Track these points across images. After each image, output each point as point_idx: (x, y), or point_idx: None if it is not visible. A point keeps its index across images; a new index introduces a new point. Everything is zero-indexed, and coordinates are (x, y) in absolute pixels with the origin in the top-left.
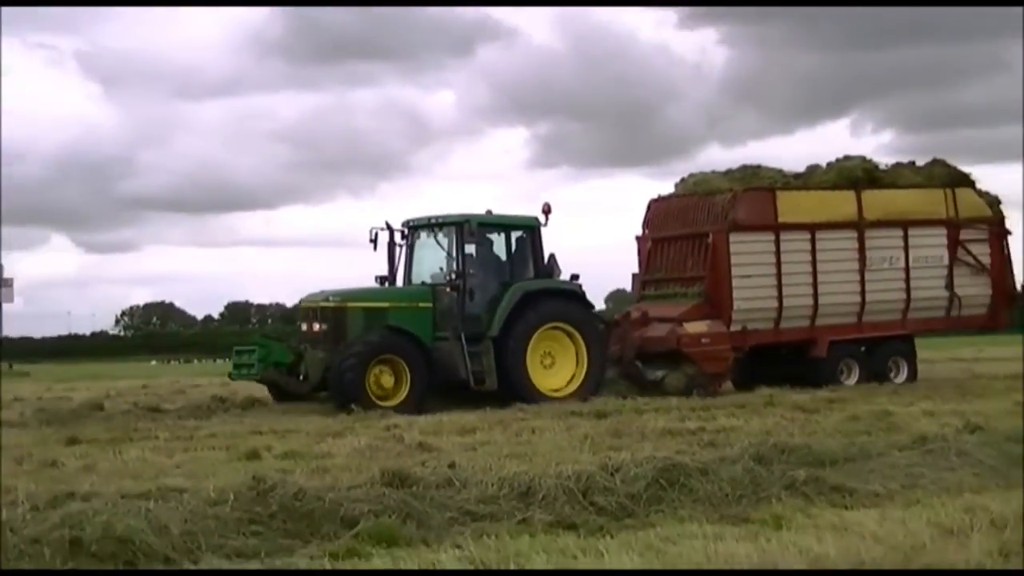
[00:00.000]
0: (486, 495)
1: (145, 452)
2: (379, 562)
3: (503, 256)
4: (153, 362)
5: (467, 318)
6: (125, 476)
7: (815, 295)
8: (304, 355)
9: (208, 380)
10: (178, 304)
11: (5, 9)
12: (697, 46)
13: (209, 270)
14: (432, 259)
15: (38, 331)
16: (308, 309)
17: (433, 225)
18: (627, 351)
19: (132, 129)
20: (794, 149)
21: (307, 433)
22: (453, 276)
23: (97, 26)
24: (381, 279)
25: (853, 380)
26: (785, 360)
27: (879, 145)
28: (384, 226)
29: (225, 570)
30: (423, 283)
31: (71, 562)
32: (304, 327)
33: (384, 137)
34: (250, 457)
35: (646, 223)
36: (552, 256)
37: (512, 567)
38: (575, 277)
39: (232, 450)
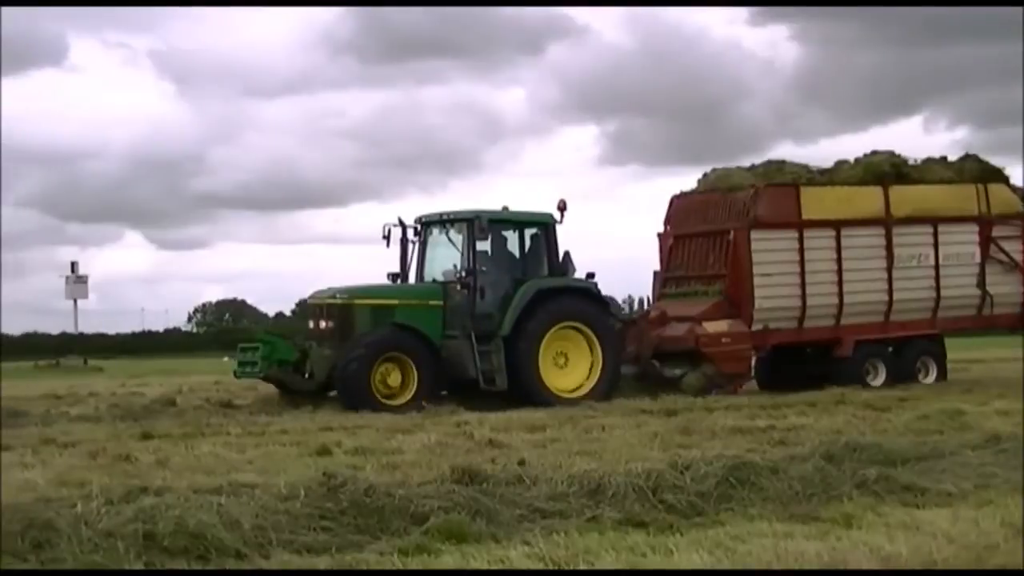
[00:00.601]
0: (555, 492)
1: (217, 447)
2: (449, 558)
3: (517, 253)
4: (225, 358)
5: (478, 316)
6: (197, 471)
7: (840, 294)
8: (310, 353)
9: None
10: (250, 301)
11: (80, 9)
12: (768, 42)
13: (280, 267)
14: (444, 256)
15: (112, 327)
16: (315, 306)
17: (445, 221)
18: (644, 350)
19: (204, 127)
20: (867, 147)
21: (377, 429)
22: (463, 273)
23: (170, 26)
24: (393, 276)
25: (879, 381)
26: (811, 360)
27: (953, 141)
28: (397, 222)
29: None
30: (434, 280)
31: (144, 556)
32: (311, 324)
33: (455, 134)
34: (321, 453)
35: (667, 220)
36: (567, 253)
37: (581, 565)
38: (591, 275)
39: (303, 446)
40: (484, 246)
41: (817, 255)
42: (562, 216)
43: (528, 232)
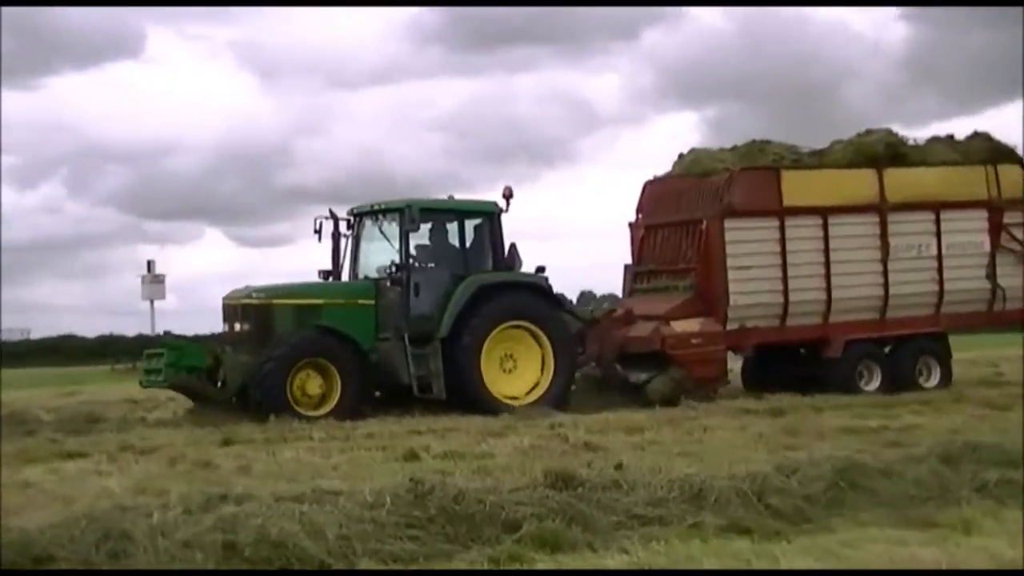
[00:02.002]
0: (655, 497)
1: (300, 453)
2: (543, 568)
3: (457, 246)
4: None
5: (414, 316)
6: (280, 478)
7: (827, 288)
8: (223, 358)
9: None
10: None
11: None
12: (875, 23)
13: None
14: (379, 251)
15: (191, 328)
16: (230, 306)
17: (377, 212)
18: (607, 352)
19: (289, 120)
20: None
21: (467, 432)
22: (394, 268)
23: (249, 17)
24: (325, 273)
25: (874, 385)
26: (804, 360)
27: None
28: (328, 215)
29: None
30: (366, 277)
31: (224, 566)
32: (226, 327)
33: (547, 124)
34: (408, 458)
35: (639, 208)
36: (513, 246)
37: None
38: (540, 269)
39: (390, 450)
40: (421, 239)
41: (801, 246)
42: (508, 204)
43: (470, 223)
